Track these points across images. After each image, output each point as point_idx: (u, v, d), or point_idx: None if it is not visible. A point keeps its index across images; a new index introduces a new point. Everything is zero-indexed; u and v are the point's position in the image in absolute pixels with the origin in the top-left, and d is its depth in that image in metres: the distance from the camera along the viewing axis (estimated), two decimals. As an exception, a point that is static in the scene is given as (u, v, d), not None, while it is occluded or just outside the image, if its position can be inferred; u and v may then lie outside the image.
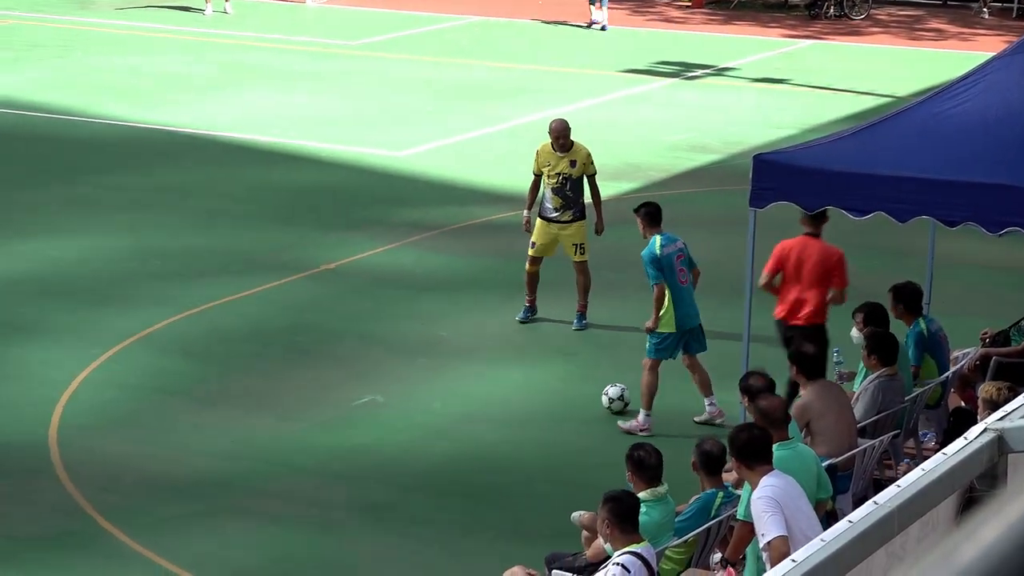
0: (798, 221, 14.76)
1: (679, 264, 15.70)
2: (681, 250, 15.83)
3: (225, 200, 23.54)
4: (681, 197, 23.89)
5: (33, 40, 35.96)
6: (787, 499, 10.33)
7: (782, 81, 32.34)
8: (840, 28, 39.08)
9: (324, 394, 16.55)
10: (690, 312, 15.69)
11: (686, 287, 15.71)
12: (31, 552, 13.18)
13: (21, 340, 17.87)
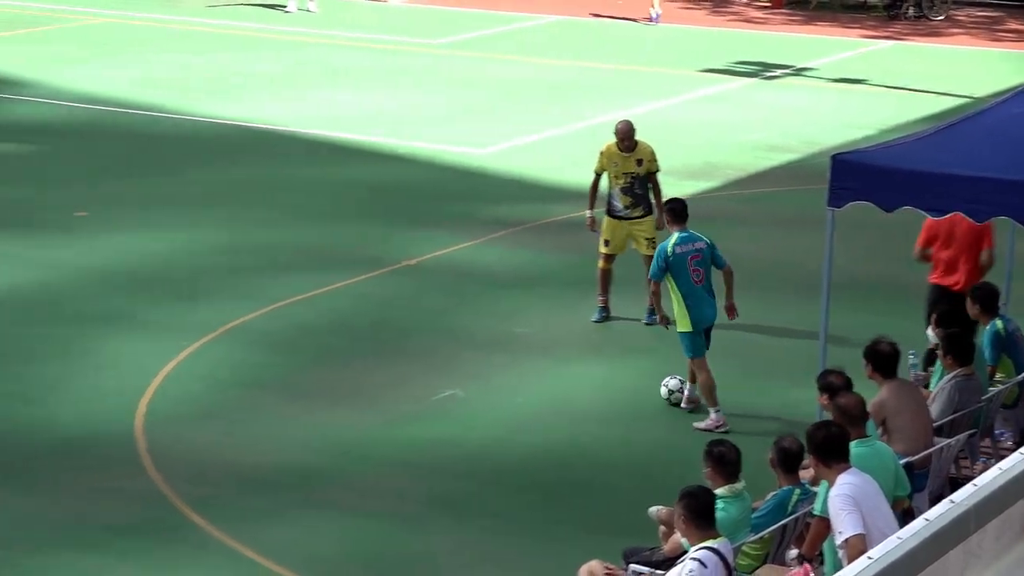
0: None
1: (693, 264, 15.56)
2: (700, 251, 15.67)
3: (310, 196, 23.59)
4: (759, 196, 23.83)
5: (124, 38, 36.17)
6: (864, 497, 10.25)
7: (861, 82, 32.17)
8: (919, 29, 38.83)
9: (405, 388, 16.56)
10: (708, 313, 15.65)
11: (702, 286, 15.60)
12: (118, 540, 13.23)
13: (111, 332, 17.97)
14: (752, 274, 20.18)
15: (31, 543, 13.19)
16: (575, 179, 24.38)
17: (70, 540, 13.26)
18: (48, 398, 16.18)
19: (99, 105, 29.19)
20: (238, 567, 12.86)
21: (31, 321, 18.35)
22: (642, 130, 27.48)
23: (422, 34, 37.05)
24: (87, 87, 30.55)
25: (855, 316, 16.39)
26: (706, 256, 15.72)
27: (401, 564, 12.99)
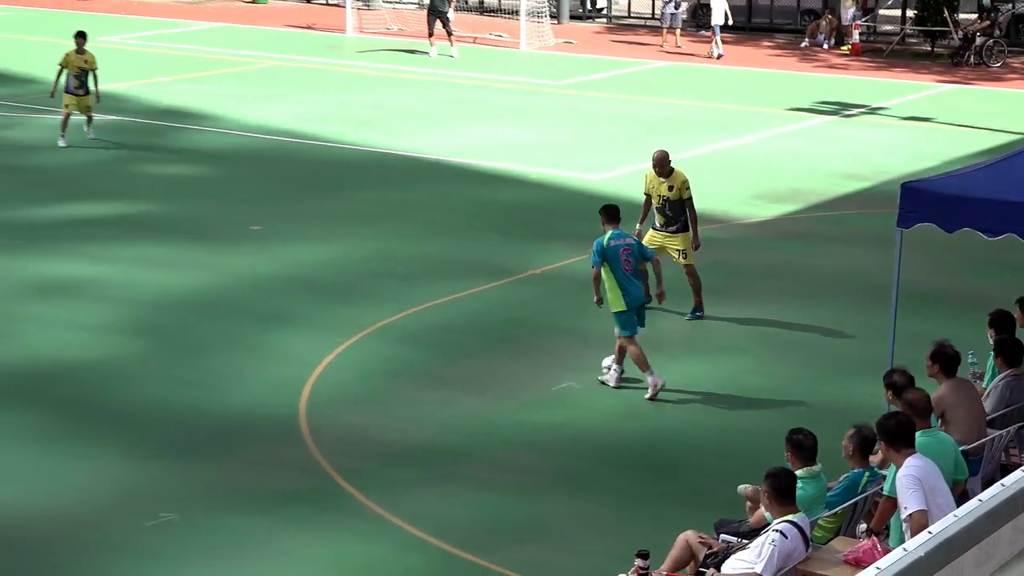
0: None
1: (624, 256, 16.10)
2: (629, 245, 16.26)
3: (449, 214, 23.66)
4: (838, 218, 23.64)
5: (293, 79, 36.47)
6: (927, 478, 10.17)
7: (927, 120, 31.85)
8: (980, 74, 38.41)
9: (529, 379, 16.55)
10: (637, 294, 16.16)
11: (630, 274, 16.09)
12: (282, 506, 13.32)
13: (280, 328, 18.10)
14: (830, 285, 20.12)
15: (212, 507, 13.31)
16: (678, 201, 24.34)
17: (244, 505, 13.36)
18: (225, 385, 16.32)
19: (271, 135, 29.44)
20: (383, 530, 12.90)
21: (213, 319, 18.53)
22: (737, 161, 27.56)
23: (547, 76, 37.09)
24: (261, 120, 30.83)
25: (918, 322, 16.22)
26: (635, 250, 16.32)
27: (521, 529, 12.98)
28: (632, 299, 16.15)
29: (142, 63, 38.61)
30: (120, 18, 48.68)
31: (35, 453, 14.46)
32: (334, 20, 47.13)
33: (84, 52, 27.94)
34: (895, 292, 13.86)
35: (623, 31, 46.49)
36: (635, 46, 42.86)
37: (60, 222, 22.93)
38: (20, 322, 18.27)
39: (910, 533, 9.71)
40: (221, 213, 23.63)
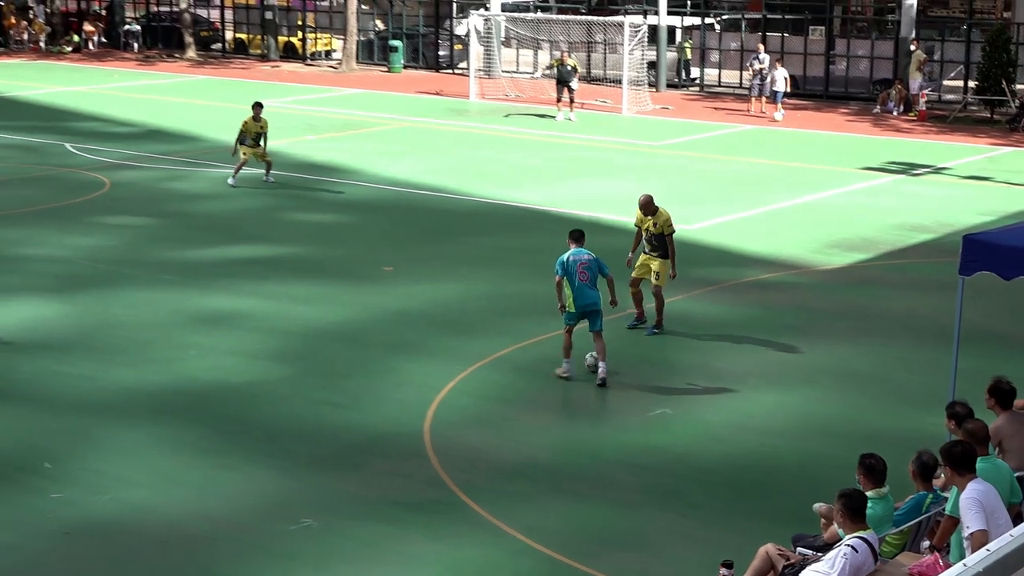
0: None
1: (581, 269, 17.22)
2: (587, 262, 17.35)
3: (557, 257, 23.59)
4: (905, 266, 23.35)
5: (422, 138, 36.68)
6: (987, 501, 9.97)
7: (986, 179, 31.40)
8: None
9: (627, 405, 16.46)
10: (586, 301, 17.22)
11: (585, 284, 17.20)
12: (408, 514, 13.30)
13: (408, 357, 18.13)
14: (898, 326, 19.85)
15: (346, 514, 13.32)
16: (762, 250, 24.19)
17: (374, 513, 13.36)
18: (359, 405, 16.37)
19: (402, 188, 29.61)
20: (496, 538, 12.84)
21: (350, 347, 18.60)
22: (814, 214, 27.30)
23: (646, 138, 37.02)
24: (394, 174, 31.02)
25: (978, 360, 15.95)
26: (592, 265, 17.37)
27: (619, 538, 12.87)
28: (580, 304, 17.21)
29: (292, 123, 39.01)
30: (273, 84, 49.26)
31: (193, 464, 14.57)
32: (459, 87, 47.38)
33: (260, 119, 29.28)
34: (957, 333, 13.65)
35: (714, 98, 46.33)
36: (724, 111, 42.69)
37: (221, 262, 23.19)
38: (184, 348, 18.46)
39: (971, 550, 9.53)
40: (358, 255, 23.77)
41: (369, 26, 57.13)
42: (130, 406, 16.23)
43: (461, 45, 53.57)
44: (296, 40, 58.70)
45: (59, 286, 21.61)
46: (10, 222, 26.21)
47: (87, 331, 19.26)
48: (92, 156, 33.48)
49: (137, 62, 57.21)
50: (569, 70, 39.73)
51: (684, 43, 48.93)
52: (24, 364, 17.76)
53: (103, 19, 64.86)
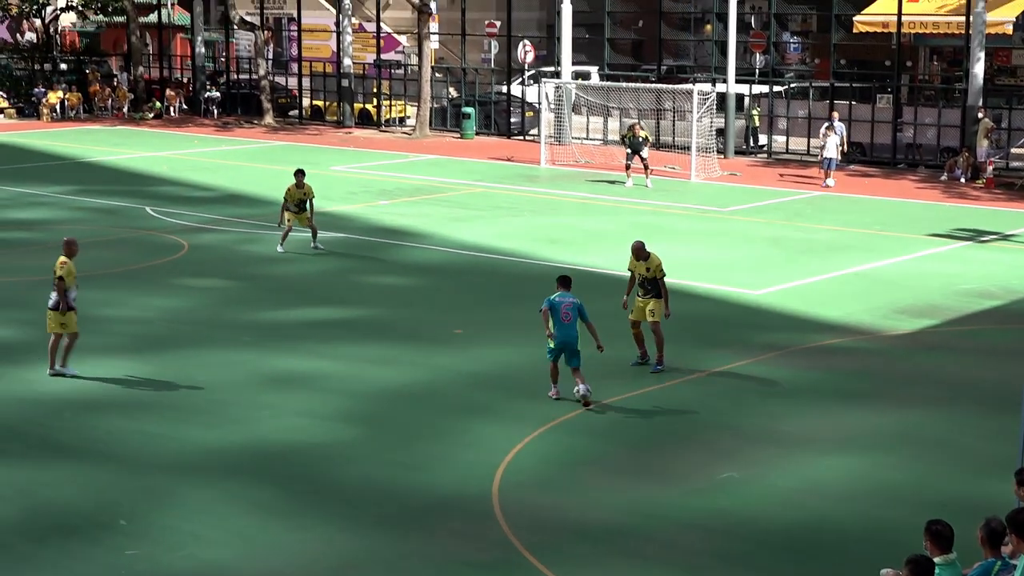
0: None
1: (565, 310, 18.78)
2: (571, 303, 18.92)
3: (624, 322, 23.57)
4: (973, 332, 23.11)
5: (495, 203, 36.80)
6: (1054, 569, 9.83)
7: (1055, 245, 31.16)
8: (1102, 206, 37.54)
9: (695, 469, 16.35)
10: (567, 339, 18.75)
11: (568, 324, 18.74)
12: (477, 574, 13.26)
13: (477, 418, 18.13)
14: (966, 391, 19.63)
15: (415, 574, 13.29)
16: (829, 314, 24.02)
17: (441, 574, 13.33)
18: (429, 466, 16.36)
19: (473, 252, 29.70)
20: (564, 599, 12.78)
21: (419, 409, 18.63)
22: (881, 280, 27.09)
23: (715, 203, 36.97)
24: (465, 238, 31.13)
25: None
26: (574, 308, 18.88)
27: (687, 604, 12.77)
28: (559, 340, 18.72)
29: (366, 188, 39.30)
30: (348, 150, 49.68)
31: (266, 523, 14.61)
32: (530, 153, 47.57)
33: (303, 186, 29.47)
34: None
35: (781, 164, 46.22)
36: (792, 177, 42.57)
37: (295, 323, 23.34)
38: (256, 409, 18.56)
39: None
40: (429, 318, 23.84)
41: (442, 93, 57.55)
42: (205, 465, 16.32)
43: (532, 112, 53.82)
44: (371, 107, 59.23)
45: (138, 346, 21.81)
46: (92, 283, 26.50)
47: (164, 391, 19.41)
48: (171, 219, 33.86)
49: (216, 128, 57.92)
50: (640, 140, 39.89)
51: (752, 111, 48.92)
52: (102, 422, 17.92)
53: (184, 86, 65.76)
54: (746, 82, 49.28)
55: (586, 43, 57.68)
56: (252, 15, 63.65)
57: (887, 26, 49.10)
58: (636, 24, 64.68)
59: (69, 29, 76.35)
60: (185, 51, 70.15)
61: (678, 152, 46.41)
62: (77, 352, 20.45)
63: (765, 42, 51.64)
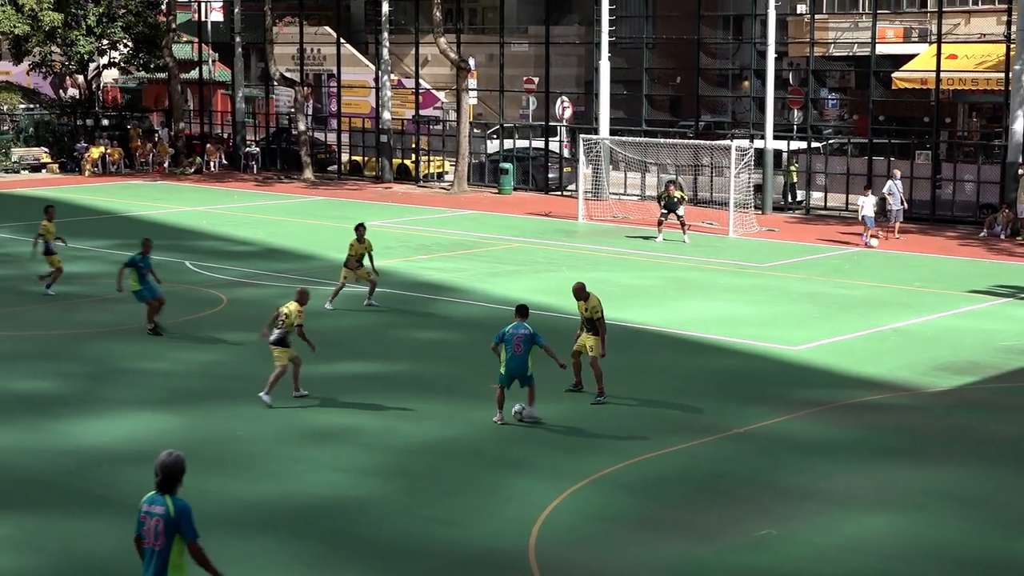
0: None
1: (516, 341, 20.20)
2: (523, 335, 20.26)
3: (665, 378, 23.54)
4: (1013, 389, 22.96)
5: (531, 258, 36.84)
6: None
7: (1096, 302, 30.96)
8: None
9: (733, 526, 16.22)
10: (516, 369, 20.30)
11: (519, 355, 20.25)
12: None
13: (514, 473, 18.08)
14: (1006, 449, 19.49)
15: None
16: (868, 371, 23.89)
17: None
18: (465, 521, 16.30)
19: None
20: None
21: (455, 463, 18.59)
22: (920, 336, 26.95)
23: (753, 259, 36.93)
24: (503, 293, 31.14)
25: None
26: (526, 338, 20.24)
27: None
28: (509, 370, 20.27)
29: (404, 243, 39.43)
30: (387, 205, 49.88)
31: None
32: (568, 209, 47.66)
33: (364, 240, 29.62)
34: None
35: (819, 221, 46.15)
36: (830, 234, 42.48)
37: (332, 377, 23.36)
38: (293, 463, 18.56)
39: None
40: (466, 373, 23.82)
41: (480, 149, 57.80)
42: (242, 518, 16.31)
43: (570, 168, 53.95)
44: (409, 162, 59.50)
45: (176, 399, 21.88)
46: (129, 336, 26.65)
47: (200, 444, 19.43)
48: (211, 273, 34.03)
49: (256, 183, 58.29)
50: (676, 200, 39.98)
51: (790, 167, 48.91)
52: (137, 475, 17.90)
53: (224, 142, 66.25)
54: (784, 138, 49.31)
55: (624, 99, 57.87)
56: (292, 71, 64.16)
57: (926, 83, 49.11)
58: (674, 80, 64.92)
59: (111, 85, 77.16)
60: (225, 107, 70.73)
61: (716, 208, 46.42)
62: (117, 405, 20.53)
63: (803, 98, 51.69)
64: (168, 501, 11.24)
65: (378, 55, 59.33)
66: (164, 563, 11.17)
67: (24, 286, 32.46)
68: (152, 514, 11.22)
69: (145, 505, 11.31)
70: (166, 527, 11.15)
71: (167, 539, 11.15)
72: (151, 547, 11.21)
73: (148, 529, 11.22)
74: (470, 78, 56.93)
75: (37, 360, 24.66)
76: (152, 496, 11.32)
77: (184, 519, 11.20)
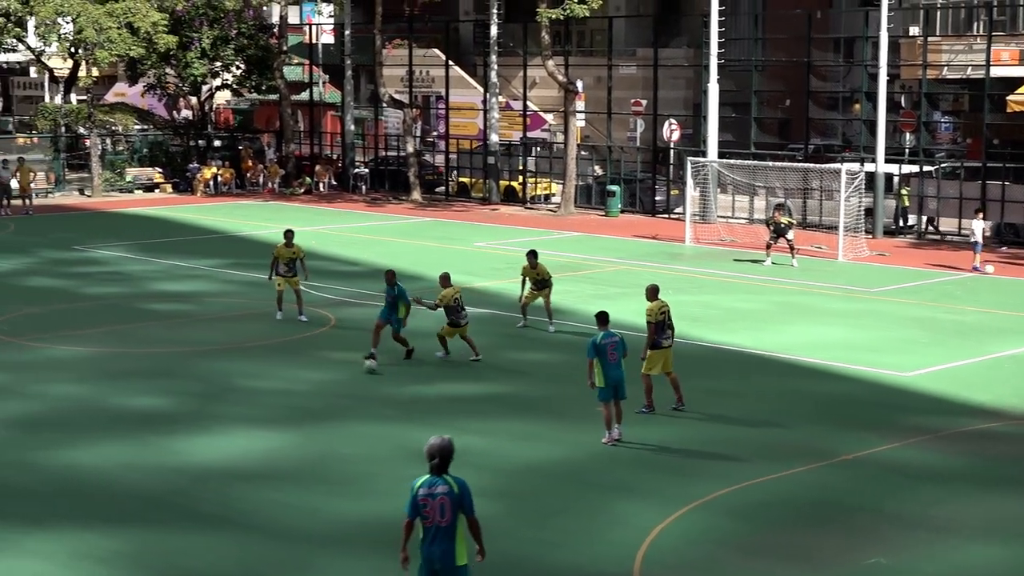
0: None
1: (611, 350, 20.24)
2: (615, 342, 20.36)
3: (772, 403, 23.36)
4: None
5: (639, 280, 36.69)
6: None
7: None
8: None
9: (841, 553, 16.05)
10: (614, 376, 20.21)
11: (614, 364, 20.23)
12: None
13: (619, 496, 18.03)
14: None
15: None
16: (981, 399, 23.56)
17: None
18: (570, 543, 16.28)
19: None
20: None
21: (561, 485, 18.59)
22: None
23: (862, 284, 36.57)
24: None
25: None
26: (619, 346, 20.41)
27: None
28: (610, 380, 20.15)
29: (511, 265, 39.52)
30: (493, 227, 50.05)
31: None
32: (675, 231, 47.52)
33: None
34: None
35: (930, 246, 45.60)
36: (941, 259, 41.94)
37: (440, 398, 23.49)
38: (400, 482, 18.52)
39: None
40: (572, 394, 23.77)
41: (588, 171, 57.82)
42: (350, 537, 16.43)
43: (677, 191, 53.79)
44: (517, 184, 59.67)
45: (283, 417, 22.10)
46: (240, 355, 26.98)
47: (311, 462, 19.61)
48: (319, 293, 34.34)
49: (365, 203, 58.77)
50: (784, 226, 39.77)
51: (902, 190, 48.37)
52: (249, 493, 18.14)
53: (334, 163, 66.90)
54: (895, 162, 48.78)
55: (732, 122, 57.60)
56: (401, 93, 64.64)
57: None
58: (783, 103, 64.50)
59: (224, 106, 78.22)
60: (335, 128, 71.42)
61: (825, 232, 46.02)
62: (227, 422, 20.86)
63: (915, 121, 51.10)
64: (450, 480, 12.43)
65: (486, 77, 59.61)
66: (452, 536, 12.35)
67: (137, 304, 32.99)
68: (435, 494, 12.35)
69: (423, 488, 12.38)
70: (452, 503, 12.34)
71: (453, 514, 12.33)
72: (435, 524, 12.33)
73: (432, 508, 12.31)
74: (578, 100, 56.99)
75: (149, 377, 25.05)
76: (430, 479, 12.43)
77: (467, 494, 12.46)
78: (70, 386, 24.26)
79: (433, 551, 12.31)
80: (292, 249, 30.48)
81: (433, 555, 12.33)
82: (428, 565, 12.41)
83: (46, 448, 20.28)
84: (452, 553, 12.32)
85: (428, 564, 12.40)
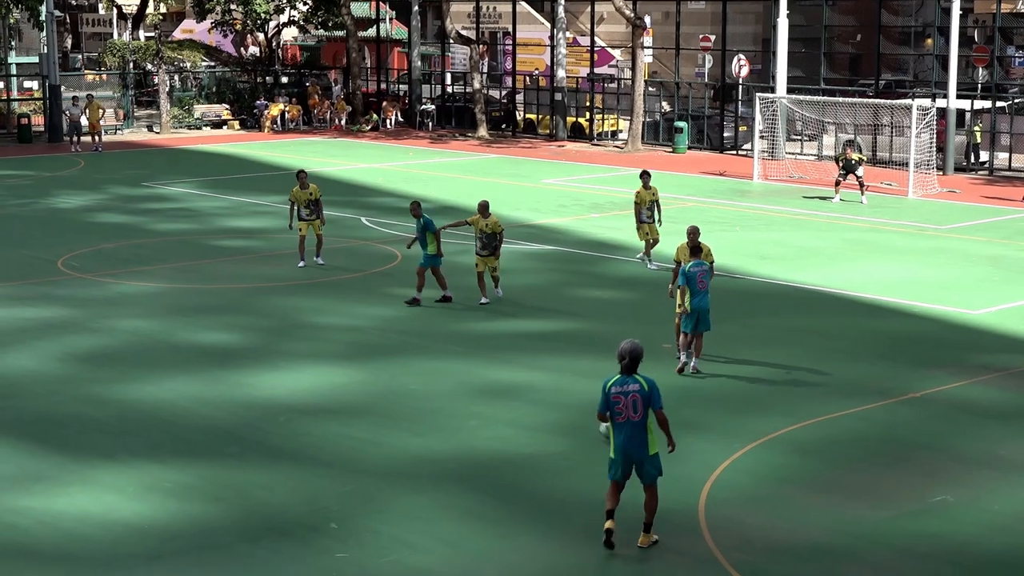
0: None
1: (700, 279, 20.38)
2: (704, 270, 20.57)
3: (840, 340, 23.23)
4: None
5: (707, 217, 36.54)
6: None
7: None
8: None
9: (907, 490, 15.98)
10: (701, 306, 20.44)
11: (703, 291, 20.42)
12: (681, 590, 13.19)
13: (686, 433, 17.92)
14: None
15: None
16: (1051, 337, 23.32)
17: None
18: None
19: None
20: (770, 619, 12.61)
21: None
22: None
23: (932, 221, 36.22)
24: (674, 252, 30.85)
25: None
26: (708, 275, 20.64)
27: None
28: (695, 306, 20.32)
29: (577, 201, 39.44)
30: (560, 163, 49.93)
31: (472, 531, 14.74)
32: (742, 168, 47.21)
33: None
34: None
35: (1003, 183, 45.04)
36: (1013, 196, 41.42)
37: (505, 334, 23.53)
38: (466, 418, 18.75)
39: None
40: (638, 332, 23.56)
41: (655, 107, 57.49)
42: (414, 472, 16.54)
43: (746, 127, 53.41)
44: (583, 121, 59.46)
45: (350, 353, 22.23)
46: (306, 291, 27.14)
47: (375, 398, 19.74)
48: (386, 230, 34.44)
49: (431, 140, 58.78)
50: (854, 163, 39.38)
51: (974, 127, 47.77)
52: (314, 428, 18.30)
53: (400, 100, 66.90)
54: (968, 97, 48.15)
55: (802, 57, 57.02)
56: (468, 29, 64.46)
57: (1118, 39, 47.48)
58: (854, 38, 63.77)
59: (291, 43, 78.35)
60: (402, 64, 71.37)
61: (895, 168, 45.57)
62: (295, 358, 21.08)
63: (988, 56, 50.37)
64: (640, 379, 13.76)
65: (553, 13, 59.29)
66: (643, 429, 13.75)
67: (205, 240, 33.24)
68: (627, 392, 13.70)
69: (615, 387, 13.76)
70: (643, 400, 13.67)
71: (644, 409, 13.68)
72: (628, 420, 13.70)
73: (624, 405, 13.67)
74: (645, 36, 56.59)
75: (218, 313, 25.26)
76: (621, 378, 13.79)
77: (655, 391, 13.74)
78: (140, 321, 24.52)
79: (628, 443, 13.69)
80: (308, 190, 29.40)
81: (629, 447, 13.71)
82: (624, 455, 13.77)
83: (116, 383, 20.53)
84: (645, 443, 13.75)
85: (624, 454, 13.77)
